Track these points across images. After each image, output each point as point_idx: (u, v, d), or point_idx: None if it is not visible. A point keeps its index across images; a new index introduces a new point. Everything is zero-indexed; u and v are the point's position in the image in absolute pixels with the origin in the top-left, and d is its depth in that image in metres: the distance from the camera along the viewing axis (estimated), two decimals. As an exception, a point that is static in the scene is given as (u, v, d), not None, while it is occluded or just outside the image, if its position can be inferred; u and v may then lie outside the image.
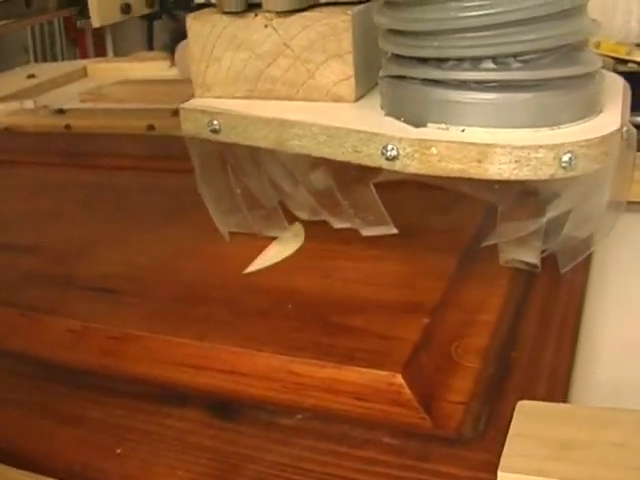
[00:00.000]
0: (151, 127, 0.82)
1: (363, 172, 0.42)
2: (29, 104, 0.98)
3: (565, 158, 0.38)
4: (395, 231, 0.46)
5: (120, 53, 1.67)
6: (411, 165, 0.40)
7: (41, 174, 0.73)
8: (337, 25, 0.44)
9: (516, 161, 0.38)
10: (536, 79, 0.39)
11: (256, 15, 0.46)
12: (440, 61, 0.40)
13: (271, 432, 0.35)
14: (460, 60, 0.40)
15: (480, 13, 0.39)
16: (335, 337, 0.40)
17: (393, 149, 0.40)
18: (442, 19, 0.39)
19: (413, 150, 0.39)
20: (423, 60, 0.41)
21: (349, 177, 0.44)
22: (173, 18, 0.89)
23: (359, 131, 0.41)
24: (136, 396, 0.39)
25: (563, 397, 0.37)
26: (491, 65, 0.40)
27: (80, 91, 1.04)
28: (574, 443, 0.31)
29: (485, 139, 0.39)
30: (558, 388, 0.37)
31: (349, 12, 0.44)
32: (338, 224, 0.48)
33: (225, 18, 0.47)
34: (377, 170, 0.41)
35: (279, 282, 0.46)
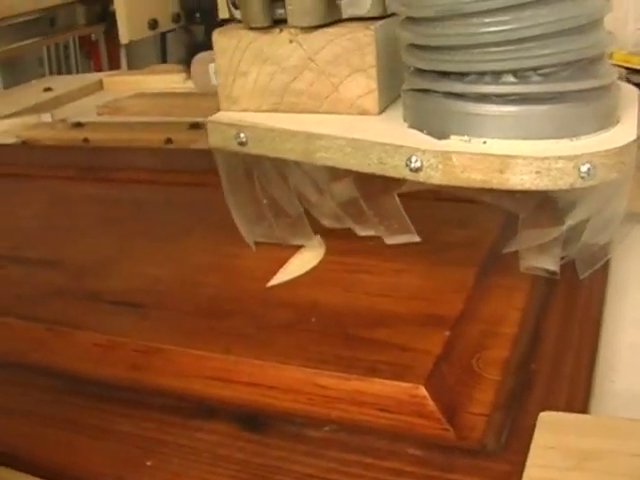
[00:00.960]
0: (169, 140, 0.84)
1: (387, 182, 0.43)
2: (47, 117, 0.98)
3: (584, 168, 0.39)
4: (418, 239, 0.48)
5: (134, 66, 1.68)
6: (435, 176, 0.41)
7: (60, 188, 0.73)
8: (360, 40, 0.46)
9: (537, 172, 0.39)
10: (555, 92, 0.41)
11: (281, 30, 0.47)
12: (462, 75, 0.42)
13: (298, 444, 0.36)
14: (481, 74, 0.41)
15: (501, 29, 0.40)
16: (358, 350, 0.41)
17: (417, 160, 0.41)
18: (464, 34, 0.41)
19: (437, 161, 0.41)
20: (445, 74, 0.42)
21: (373, 187, 0.45)
22: (187, 32, 0.91)
23: (384, 143, 0.42)
24: (165, 409, 0.40)
25: (583, 407, 0.38)
26: (511, 79, 0.41)
27: (97, 104, 1.05)
28: (596, 454, 0.31)
29: (506, 150, 0.40)
30: (578, 398, 0.38)
31: (372, 27, 0.46)
32: (362, 232, 0.50)
33: (251, 33, 0.48)
34: (400, 180, 0.43)
35: (301, 295, 0.47)
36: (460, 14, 0.41)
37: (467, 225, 0.53)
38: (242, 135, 0.48)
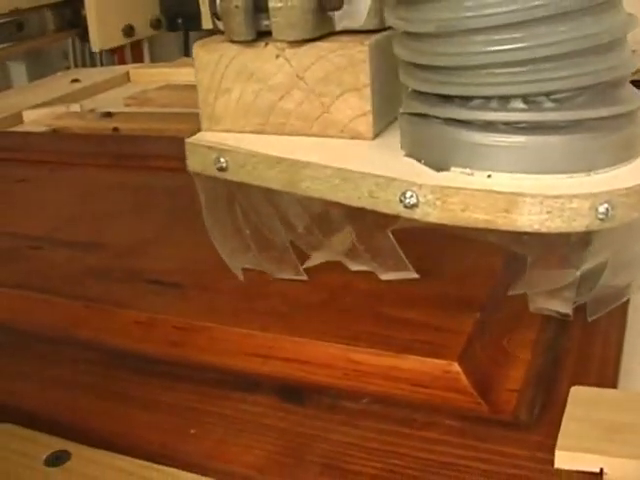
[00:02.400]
0: (199, 131, 0.80)
1: (380, 217, 0.39)
2: (75, 108, 0.99)
3: (602, 208, 0.34)
4: (416, 276, 0.43)
5: (156, 61, 1.66)
6: (432, 214, 0.36)
7: (93, 175, 0.74)
8: (353, 56, 0.41)
9: (548, 212, 0.35)
10: (571, 120, 0.36)
11: (267, 44, 0.43)
12: (465, 99, 0.37)
13: (336, 415, 0.37)
14: (487, 99, 0.36)
15: (509, 47, 0.35)
16: (392, 329, 0.42)
17: (412, 196, 0.36)
18: (468, 53, 0.36)
19: (434, 198, 0.36)
20: (446, 98, 0.38)
21: (365, 222, 0.41)
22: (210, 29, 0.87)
23: (376, 175, 0.38)
24: (207, 383, 0.41)
25: (612, 385, 0.38)
26: (521, 105, 0.36)
27: (124, 96, 1.05)
28: (626, 426, 0.33)
29: (513, 187, 0.35)
30: (607, 376, 0.39)
31: (366, 42, 0.41)
32: (354, 266, 0.45)
33: (234, 47, 0.44)
34: (395, 215, 0.38)
35: (335, 277, 0.47)
36: (464, 30, 0.36)
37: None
38: (222, 160, 0.43)
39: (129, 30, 0.60)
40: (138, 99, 1.03)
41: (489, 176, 0.37)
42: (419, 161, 0.39)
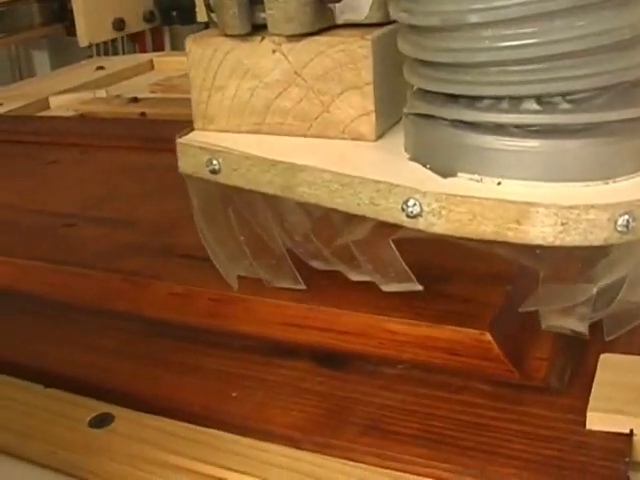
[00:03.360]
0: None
1: (382, 225, 0.36)
2: (101, 93, 1.01)
3: (621, 221, 0.31)
4: (420, 288, 0.40)
5: (177, 49, 1.66)
6: (437, 224, 0.34)
7: (122, 157, 0.75)
8: (355, 52, 0.38)
9: (563, 223, 0.32)
10: (589, 123, 0.33)
11: (263, 39, 0.40)
12: (474, 99, 0.34)
13: (375, 380, 0.38)
14: (497, 99, 0.34)
15: (522, 43, 0.32)
16: (426, 301, 0.42)
17: (415, 204, 0.34)
18: (476, 49, 0.33)
19: (439, 206, 0.33)
20: (454, 97, 0.35)
21: (366, 230, 0.38)
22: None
23: (377, 181, 0.35)
24: (246, 349, 0.42)
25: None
26: (534, 106, 0.33)
27: (149, 82, 1.06)
28: None
29: (526, 195, 0.32)
30: (635, 345, 0.39)
31: (368, 37, 0.38)
32: (355, 277, 0.42)
33: (228, 41, 0.41)
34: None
35: None
36: (472, 24, 0.33)
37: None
38: (215, 162, 0.40)
39: (119, 24, 0.57)
40: (163, 86, 1.04)
41: (499, 183, 0.34)
42: (424, 166, 0.36)
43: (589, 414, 0.34)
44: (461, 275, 0.45)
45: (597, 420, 0.34)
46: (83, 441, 0.36)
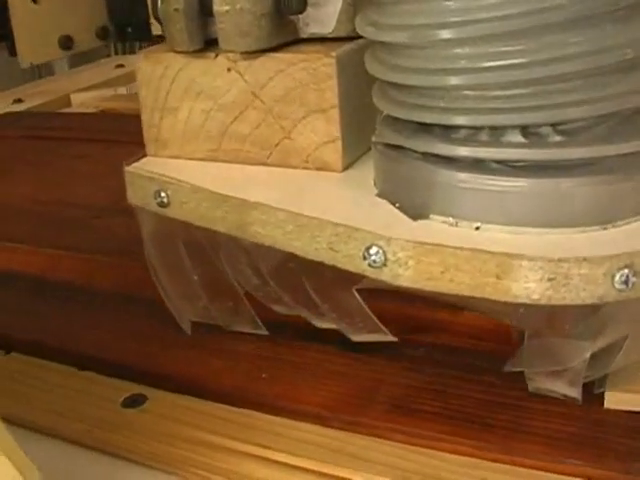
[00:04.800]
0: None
1: (343, 273, 0.31)
2: (122, 90, 0.99)
3: (620, 276, 0.26)
4: (393, 339, 0.36)
5: None
6: (403, 276, 0.28)
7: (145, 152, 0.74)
8: (318, 70, 0.34)
9: (550, 279, 0.27)
10: (584, 158, 0.28)
11: (217, 55, 0.35)
12: (448, 129, 0.29)
13: (399, 362, 0.38)
14: (476, 129, 0.29)
15: (505, 64, 0.28)
16: None
17: (379, 253, 0.29)
18: (451, 70, 0.28)
19: (406, 256, 0.28)
20: (426, 126, 0.30)
21: (325, 277, 0.33)
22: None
23: (335, 224, 0.30)
24: (275, 332, 0.41)
25: None
26: (519, 138, 0.28)
27: None
28: None
29: (507, 244, 0.27)
30: None
31: (333, 53, 0.33)
32: (322, 324, 0.37)
33: (180, 58, 0.36)
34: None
35: None
36: (446, 40, 0.28)
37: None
38: (163, 194, 0.36)
39: (66, 42, 0.53)
40: None
41: (477, 228, 0.29)
42: (393, 204, 0.31)
43: (607, 393, 0.34)
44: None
45: (615, 399, 0.34)
46: (117, 421, 0.36)
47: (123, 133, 0.75)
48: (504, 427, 0.33)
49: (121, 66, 1.13)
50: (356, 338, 0.36)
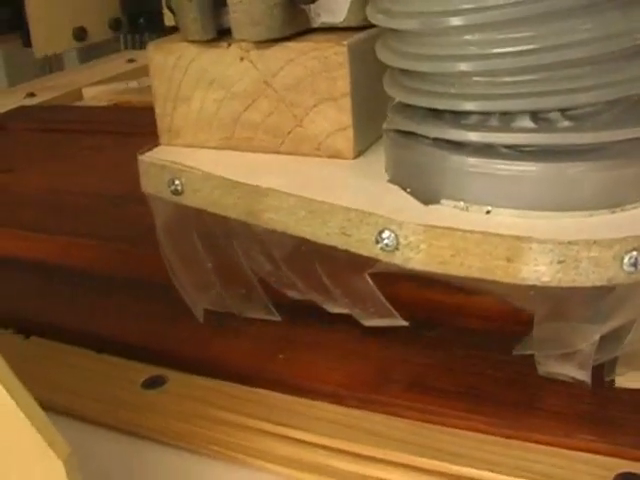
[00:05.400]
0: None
1: (355, 258, 0.31)
2: (133, 84, 0.99)
3: (629, 258, 0.27)
4: (404, 323, 0.36)
5: None
6: (414, 259, 0.29)
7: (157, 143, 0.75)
8: (330, 59, 0.34)
9: (560, 261, 0.27)
10: (593, 143, 0.28)
11: (229, 45, 0.36)
12: (459, 115, 0.30)
13: (415, 342, 0.39)
14: (486, 115, 0.29)
15: (515, 50, 0.28)
16: None
17: (391, 236, 0.29)
18: (462, 57, 0.29)
19: (417, 240, 0.29)
20: (437, 112, 0.30)
21: (338, 263, 0.33)
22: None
23: (347, 208, 0.30)
24: (291, 314, 0.41)
25: None
26: (528, 123, 0.29)
27: None
28: None
29: (518, 228, 0.28)
30: None
31: (345, 42, 0.34)
32: (334, 309, 0.38)
33: (193, 48, 0.37)
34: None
35: None
36: (457, 27, 0.28)
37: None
38: (177, 182, 0.36)
39: (80, 33, 0.53)
40: None
41: (488, 212, 0.29)
42: (404, 190, 0.31)
43: (618, 372, 0.34)
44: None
45: (626, 378, 0.34)
46: (138, 401, 0.37)
47: (136, 125, 0.76)
48: (515, 404, 0.34)
49: (132, 61, 1.14)
50: (368, 323, 0.37)
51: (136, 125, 0.78)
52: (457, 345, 0.39)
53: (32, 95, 0.97)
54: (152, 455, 0.35)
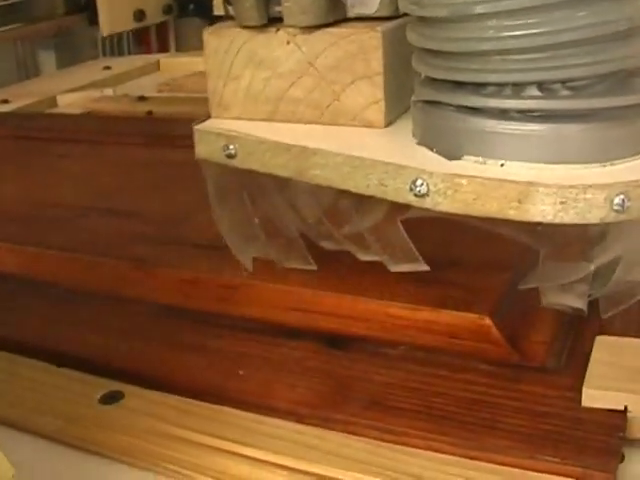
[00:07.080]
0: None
1: (390, 206, 0.38)
2: (108, 92, 1.03)
3: (617, 200, 0.33)
4: (426, 268, 0.42)
5: (183, 47, 1.68)
6: (443, 203, 0.35)
7: (130, 152, 0.77)
8: (366, 43, 0.40)
9: (562, 202, 0.34)
10: (587, 109, 0.35)
11: (278, 30, 0.42)
12: (478, 86, 0.36)
13: (377, 359, 0.40)
14: (501, 86, 0.36)
15: (525, 33, 0.34)
16: (428, 288, 0.43)
17: (423, 184, 0.35)
18: (481, 38, 0.35)
19: (445, 186, 0.35)
20: (459, 84, 0.37)
21: (375, 212, 0.40)
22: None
23: (386, 163, 0.37)
24: (252, 331, 0.43)
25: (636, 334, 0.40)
26: (536, 92, 0.35)
27: (156, 82, 1.08)
28: None
29: (527, 176, 0.34)
30: (631, 326, 0.41)
31: (378, 29, 0.40)
32: (364, 256, 0.44)
33: (244, 33, 0.43)
34: (406, 205, 0.37)
35: None
36: (477, 14, 0.35)
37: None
38: (231, 147, 0.42)
39: (140, 15, 0.59)
40: (170, 85, 1.06)
41: (502, 165, 0.35)
42: (431, 149, 0.38)
43: (585, 391, 0.35)
44: (463, 262, 0.47)
45: (592, 397, 0.35)
46: (94, 417, 0.37)
47: (108, 134, 0.82)
48: (481, 425, 0.34)
49: (108, 68, 1.17)
50: (395, 268, 0.43)
51: (108, 133, 0.82)
52: (422, 363, 0.39)
53: (6, 102, 0.97)
54: (107, 473, 0.34)
